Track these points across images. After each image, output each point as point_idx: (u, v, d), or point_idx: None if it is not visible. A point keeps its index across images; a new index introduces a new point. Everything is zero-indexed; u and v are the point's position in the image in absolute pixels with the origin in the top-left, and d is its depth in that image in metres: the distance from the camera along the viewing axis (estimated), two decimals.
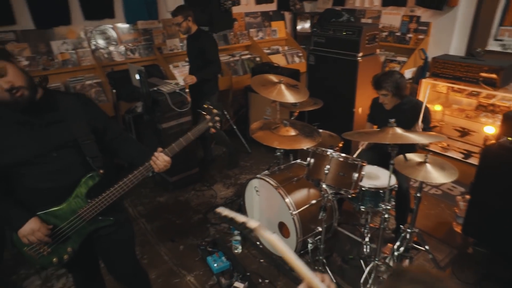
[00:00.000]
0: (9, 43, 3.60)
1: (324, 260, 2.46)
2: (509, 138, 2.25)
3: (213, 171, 4.03)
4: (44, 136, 1.44)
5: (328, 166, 2.17)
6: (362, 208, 2.44)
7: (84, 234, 1.60)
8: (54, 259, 1.58)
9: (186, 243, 2.94)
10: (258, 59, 5.10)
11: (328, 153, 2.19)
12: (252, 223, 1.03)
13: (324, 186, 2.21)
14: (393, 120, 2.03)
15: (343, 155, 2.20)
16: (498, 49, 3.97)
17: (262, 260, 2.71)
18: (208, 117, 1.63)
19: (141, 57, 4.35)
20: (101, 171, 1.56)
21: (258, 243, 2.81)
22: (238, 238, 2.79)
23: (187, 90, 3.42)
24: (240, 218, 1.06)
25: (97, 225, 1.61)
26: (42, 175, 1.45)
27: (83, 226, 1.57)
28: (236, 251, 2.79)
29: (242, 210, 2.90)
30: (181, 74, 4.39)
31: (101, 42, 4.11)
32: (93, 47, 4.03)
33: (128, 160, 1.71)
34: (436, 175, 2.08)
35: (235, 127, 4.41)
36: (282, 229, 2.56)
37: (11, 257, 2.80)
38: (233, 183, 3.82)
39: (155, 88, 3.34)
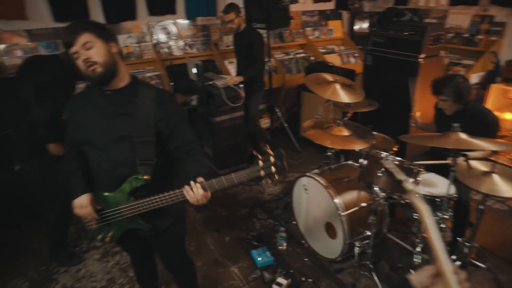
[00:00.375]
0: None
1: (371, 266, 2.39)
2: None
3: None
4: (111, 125, 1.47)
5: (382, 169, 2.10)
6: (415, 215, 2.33)
7: (124, 228, 1.63)
8: (99, 236, 1.68)
9: (231, 235, 3.01)
10: (312, 58, 5.06)
11: (383, 155, 2.12)
12: (409, 184, 1.01)
13: (376, 189, 2.14)
14: (457, 124, 1.91)
15: (399, 158, 2.12)
16: None
17: (306, 259, 2.70)
18: (261, 163, 1.33)
19: (198, 52, 4.50)
20: (146, 176, 1.48)
21: (303, 241, 2.79)
22: (284, 234, 2.80)
23: (241, 85, 3.48)
24: (400, 175, 1.06)
25: (135, 225, 1.61)
26: (101, 160, 1.52)
27: (123, 221, 1.59)
28: (280, 248, 2.80)
29: (289, 207, 2.90)
30: (235, 70, 4.48)
31: (162, 37, 4.31)
32: (154, 41, 4.25)
33: (184, 176, 1.53)
34: (505, 188, 1.93)
35: (286, 125, 4.41)
36: (329, 229, 2.53)
37: (75, 231, 3.05)
38: (281, 180, 3.83)
39: (210, 82, 3.44)
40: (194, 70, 3.32)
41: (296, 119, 4.59)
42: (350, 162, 2.80)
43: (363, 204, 2.39)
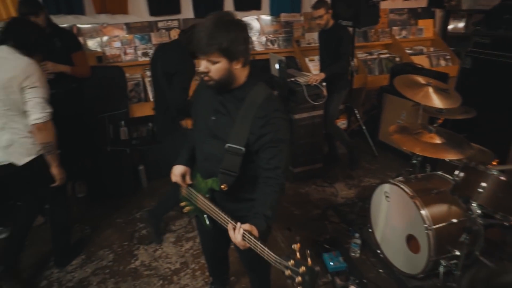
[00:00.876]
0: (173, 29, 4.12)
1: None
2: None
3: (336, 169, 3.95)
4: (212, 119, 1.51)
5: (484, 184, 1.88)
6: None
7: (197, 212, 1.73)
8: (183, 203, 1.79)
9: (302, 234, 2.96)
10: (397, 59, 4.77)
11: (487, 169, 1.90)
12: None
13: (473, 205, 1.93)
14: None
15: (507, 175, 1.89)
16: None
17: (381, 271, 2.55)
18: (291, 263, 1.17)
19: (280, 48, 4.50)
20: (223, 186, 1.45)
21: (378, 251, 2.65)
22: (358, 241, 2.68)
23: (324, 84, 3.39)
24: None
25: (200, 216, 1.71)
26: (199, 146, 1.64)
27: (197, 207, 1.69)
28: (353, 255, 2.69)
29: (366, 213, 2.77)
30: (316, 68, 4.40)
31: None
32: None
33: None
34: None
35: (364, 127, 4.22)
36: (410, 242, 2.35)
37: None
38: (355, 184, 3.68)
39: (292, 79, 3.41)
40: (277, 66, 3.31)
41: (375, 122, 4.37)
42: (440, 172, 2.57)
43: (454, 220, 2.18)
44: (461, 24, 5.06)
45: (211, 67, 1.37)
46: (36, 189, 2.42)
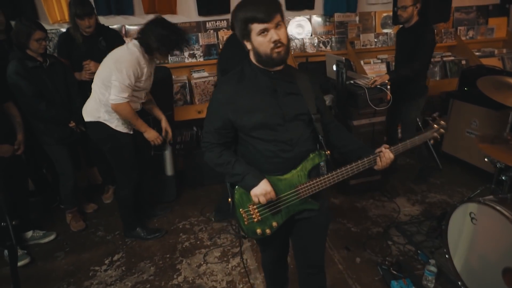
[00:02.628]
0: (221, 30, 3.94)
1: None
2: None
3: (396, 182, 3.56)
4: (284, 105, 1.47)
5: None
6: None
7: (291, 212, 1.57)
8: (258, 230, 1.57)
9: (363, 256, 2.61)
10: (463, 62, 4.30)
11: None
12: None
13: None
14: None
15: None
16: None
17: None
18: (436, 126, 1.61)
19: (332, 50, 4.19)
20: (328, 151, 1.52)
21: (459, 283, 2.24)
22: (434, 269, 2.29)
23: (388, 87, 3.04)
24: None
25: (305, 206, 1.57)
26: (274, 141, 1.48)
27: (295, 203, 1.54)
28: (426, 283, 2.30)
29: (440, 235, 2.38)
30: (372, 72, 4.04)
31: (295, 32, 4.12)
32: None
33: (341, 148, 1.65)
34: None
35: None
36: (507, 275, 1.94)
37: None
38: (419, 200, 3.27)
39: (352, 81, 3.09)
40: (334, 67, 3.01)
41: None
42: None
43: None
44: None
45: (280, 32, 1.35)
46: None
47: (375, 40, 4.30)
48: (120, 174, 2.74)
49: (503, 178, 2.32)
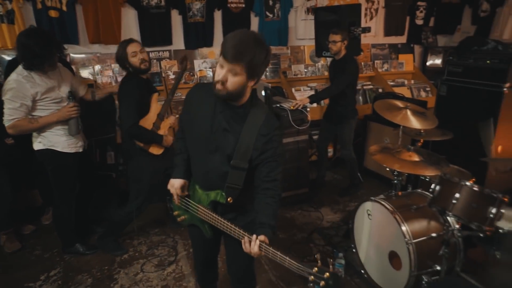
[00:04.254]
0: (164, 60, 4.28)
1: None
2: None
3: (322, 195, 3.97)
4: (214, 134, 1.52)
5: (457, 195, 1.94)
6: (498, 255, 2.08)
7: (194, 222, 1.77)
8: (176, 212, 1.85)
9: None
10: (380, 90, 4.96)
11: (460, 180, 1.96)
12: None
13: (449, 217, 1.97)
14: None
15: (477, 186, 1.94)
16: None
17: None
18: (315, 270, 1.29)
19: (267, 79, 4.67)
20: (229, 199, 1.54)
21: (362, 271, 2.62)
22: (342, 261, 2.66)
23: (308, 109, 3.51)
24: None
25: (202, 227, 1.74)
26: (199, 158, 1.64)
27: (196, 217, 1.72)
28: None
29: (350, 233, 2.77)
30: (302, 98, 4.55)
31: None
32: None
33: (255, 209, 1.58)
34: None
35: None
36: (393, 260, 2.35)
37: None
38: (341, 209, 3.70)
39: (278, 105, 3.52)
40: (263, 93, 3.43)
41: (360, 150, 4.46)
42: (419, 190, 2.62)
43: (434, 235, 2.20)
44: (438, 60, 5.34)
45: (230, 78, 1.38)
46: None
47: (305, 70, 4.86)
48: (59, 192, 2.82)
49: (395, 181, 2.79)
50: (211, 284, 2.18)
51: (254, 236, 1.41)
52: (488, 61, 3.05)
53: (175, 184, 1.72)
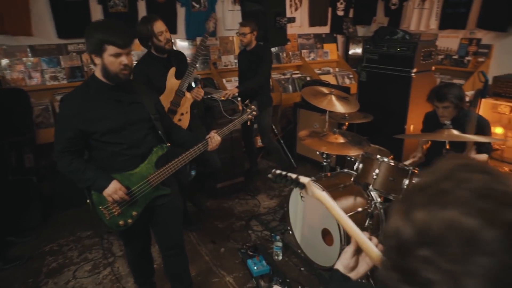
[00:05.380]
0: (85, 53, 4.00)
1: (368, 273, 2.34)
2: None
3: (258, 182, 4.07)
4: (128, 112, 1.76)
5: (377, 171, 2.12)
6: None
7: (147, 199, 1.84)
8: (121, 222, 1.79)
9: (227, 246, 2.96)
10: (308, 78, 5.18)
11: (378, 157, 2.15)
12: (303, 179, 1.10)
13: (372, 192, 2.15)
14: (449, 122, 1.96)
15: (393, 161, 2.15)
16: None
17: (302, 269, 2.65)
18: (248, 110, 2.17)
19: (197, 71, 4.60)
20: (168, 143, 1.85)
21: (299, 251, 2.75)
22: (280, 244, 2.76)
23: (239, 98, 3.53)
24: (292, 175, 1.14)
25: (158, 192, 1.86)
26: (122, 143, 1.74)
27: (149, 191, 1.81)
28: (276, 258, 2.75)
29: (286, 216, 2.88)
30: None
31: None
32: None
33: (180, 142, 2.02)
34: None
35: (282, 142, 4.45)
36: (326, 237, 2.50)
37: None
38: (277, 194, 3.82)
39: (209, 96, 3.51)
40: (193, 84, 3.38)
41: (292, 137, 4.64)
42: (346, 170, 2.81)
43: (360, 209, 2.39)
44: (358, 49, 5.72)
45: (129, 59, 1.65)
46: None
47: (235, 61, 4.87)
48: None
49: (324, 163, 2.96)
50: (148, 279, 2.18)
51: (212, 132, 1.99)
52: (398, 49, 3.35)
53: (117, 185, 1.71)
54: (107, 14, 3.99)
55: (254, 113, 2.18)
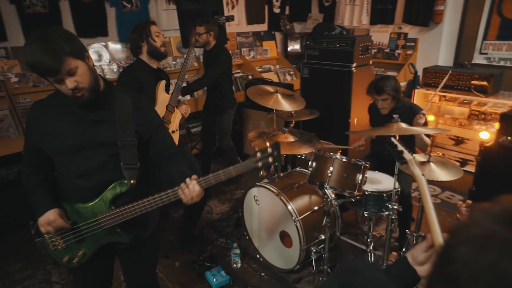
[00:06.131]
0: (2, 60, 3.54)
1: (329, 270, 2.35)
2: (509, 138, 2.25)
3: (208, 188, 3.92)
4: (88, 132, 1.41)
5: (331, 168, 2.12)
6: (366, 213, 2.38)
7: (99, 243, 1.51)
8: (65, 258, 1.52)
9: (181, 259, 2.80)
10: (250, 77, 5.13)
11: (331, 155, 2.15)
12: (407, 155, 1.18)
13: (327, 190, 2.15)
14: (397, 115, 2.02)
15: (345, 157, 2.16)
16: (484, 62, 4.08)
17: (263, 274, 2.59)
18: (259, 154, 1.35)
19: None
20: (132, 181, 1.43)
21: (257, 256, 2.69)
22: (237, 251, 2.67)
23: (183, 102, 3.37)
24: (400, 147, 1.22)
25: (113, 238, 1.50)
26: (77, 169, 1.43)
27: (100, 233, 1.47)
28: (235, 266, 2.66)
29: (241, 221, 2.80)
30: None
31: (93, 59, 4.08)
32: None
33: (167, 180, 1.49)
34: (440, 174, 2.05)
35: None
36: (284, 239, 2.46)
37: None
38: (228, 198, 3.72)
39: None
40: None
41: (239, 137, 4.56)
42: (298, 168, 2.80)
43: (316, 208, 2.38)
44: (297, 45, 5.80)
45: (76, 78, 1.28)
46: None
47: (174, 62, 4.66)
48: None
49: (276, 164, 2.92)
50: None
51: (188, 179, 1.38)
52: (338, 45, 3.42)
53: (51, 217, 1.41)
54: (22, 16, 3.57)
55: (270, 160, 1.36)
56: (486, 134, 3.45)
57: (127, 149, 1.43)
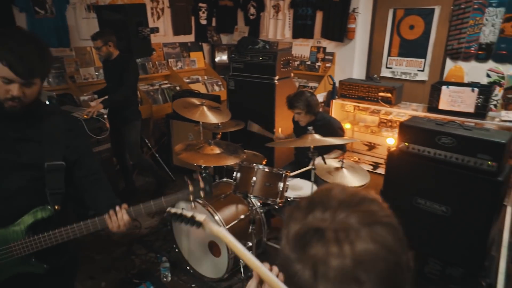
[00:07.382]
0: None
1: None
2: (406, 144, 2.58)
3: (136, 202, 3.81)
4: (11, 151, 1.31)
5: (254, 178, 2.23)
6: None
7: (9, 273, 1.37)
8: None
9: (108, 279, 2.70)
10: (178, 88, 5.12)
11: (254, 165, 2.26)
12: (199, 216, 1.06)
13: (252, 198, 2.25)
14: (311, 127, 2.20)
15: (268, 167, 2.30)
16: (389, 75, 4.60)
17: (193, 285, 2.61)
18: (191, 188, 1.42)
19: (51, 86, 4.05)
20: (57, 207, 1.36)
21: (188, 267, 2.70)
22: (167, 265, 2.66)
23: (105, 116, 3.26)
24: (187, 213, 1.10)
25: (26, 268, 1.38)
26: None
27: (12, 262, 1.34)
28: (165, 280, 2.64)
29: (170, 236, 2.79)
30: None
31: None
32: None
33: (92, 206, 1.45)
34: (351, 179, 2.28)
35: (157, 155, 4.29)
36: (213, 249, 2.51)
37: None
38: (157, 212, 3.66)
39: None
40: (47, 103, 2.97)
41: (167, 149, 4.52)
42: (225, 179, 2.88)
43: (242, 216, 2.48)
44: (224, 56, 5.92)
45: (26, 90, 1.23)
46: None
47: (96, 73, 4.47)
48: None
49: (203, 174, 2.96)
50: None
51: (117, 207, 1.35)
52: (261, 58, 3.60)
53: None
54: None
55: (202, 194, 1.47)
56: (392, 140, 3.89)
57: (53, 173, 1.36)
